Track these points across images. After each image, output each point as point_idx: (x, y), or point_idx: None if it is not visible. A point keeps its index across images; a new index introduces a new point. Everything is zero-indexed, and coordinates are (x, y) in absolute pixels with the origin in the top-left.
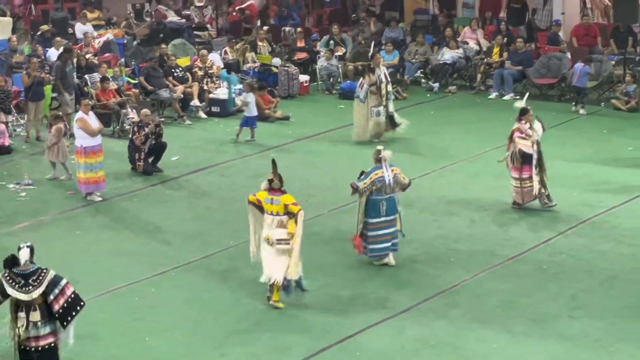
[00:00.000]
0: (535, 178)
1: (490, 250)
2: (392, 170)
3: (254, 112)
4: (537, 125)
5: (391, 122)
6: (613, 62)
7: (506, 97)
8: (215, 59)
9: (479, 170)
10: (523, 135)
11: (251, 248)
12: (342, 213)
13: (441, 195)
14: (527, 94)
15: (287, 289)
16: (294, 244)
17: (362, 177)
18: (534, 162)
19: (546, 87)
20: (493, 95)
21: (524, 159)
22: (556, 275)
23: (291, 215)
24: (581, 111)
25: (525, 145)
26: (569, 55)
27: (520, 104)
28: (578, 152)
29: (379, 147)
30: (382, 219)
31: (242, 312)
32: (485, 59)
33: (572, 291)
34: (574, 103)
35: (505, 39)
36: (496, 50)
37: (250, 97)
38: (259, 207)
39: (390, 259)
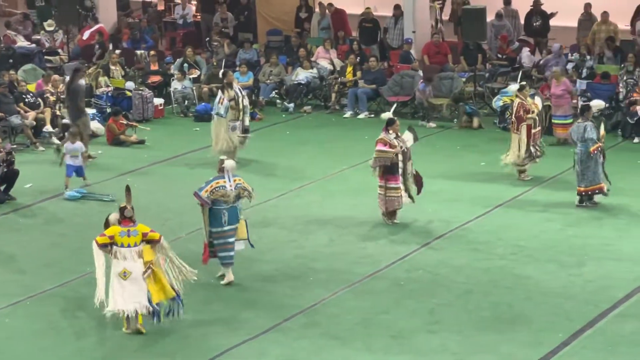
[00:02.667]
0: (402, 187)
1: (348, 268)
2: (235, 180)
3: (80, 162)
4: (407, 135)
5: (244, 132)
6: (464, 79)
7: (361, 116)
8: None
9: (336, 189)
10: (385, 148)
11: (99, 294)
12: (201, 235)
13: (299, 215)
14: (394, 106)
15: (157, 314)
16: (158, 268)
17: (203, 185)
18: (400, 171)
19: (399, 105)
20: (348, 114)
21: (389, 169)
22: (414, 291)
23: (149, 242)
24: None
25: (383, 159)
26: (421, 73)
27: (387, 115)
28: (432, 168)
29: (222, 157)
30: (227, 227)
31: (101, 339)
32: (339, 79)
33: (429, 306)
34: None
35: (358, 58)
36: (349, 69)
37: (79, 147)
38: (109, 245)
39: (229, 275)
